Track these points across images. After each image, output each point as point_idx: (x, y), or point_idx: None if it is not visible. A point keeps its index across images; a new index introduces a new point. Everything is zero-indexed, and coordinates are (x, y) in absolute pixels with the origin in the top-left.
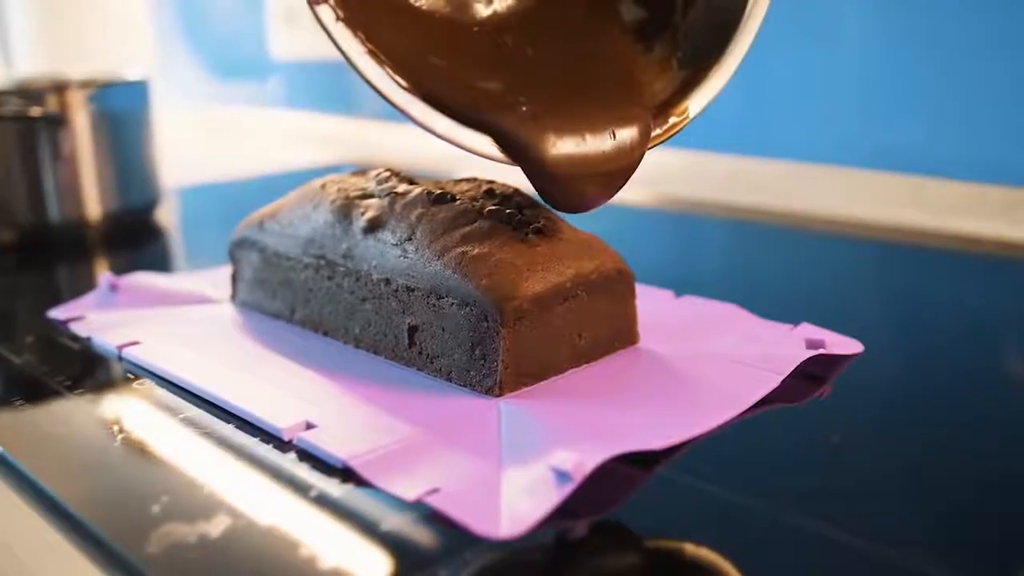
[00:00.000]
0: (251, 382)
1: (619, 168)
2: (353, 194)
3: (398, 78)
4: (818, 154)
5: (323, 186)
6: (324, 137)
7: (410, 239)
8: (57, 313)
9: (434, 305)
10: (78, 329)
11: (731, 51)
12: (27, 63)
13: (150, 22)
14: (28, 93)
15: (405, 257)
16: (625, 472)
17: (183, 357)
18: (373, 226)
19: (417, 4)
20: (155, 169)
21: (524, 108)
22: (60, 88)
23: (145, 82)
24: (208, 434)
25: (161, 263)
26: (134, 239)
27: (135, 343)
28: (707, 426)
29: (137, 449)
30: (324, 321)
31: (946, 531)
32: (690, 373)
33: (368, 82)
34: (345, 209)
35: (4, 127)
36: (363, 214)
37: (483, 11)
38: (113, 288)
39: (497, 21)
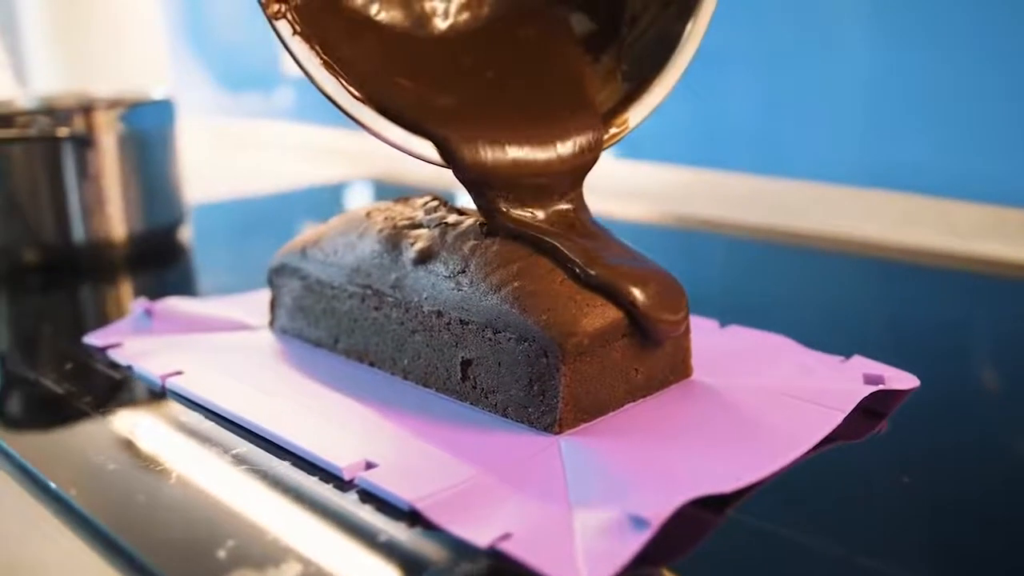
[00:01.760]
0: (303, 416)
1: (570, 170)
2: (401, 223)
3: (352, 89)
4: (830, 173)
5: (368, 214)
6: (336, 151)
7: (463, 271)
8: (94, 339)
9: (490, 339)
10: (117, 356)
11: (671, 67)
12: (41, 80)
13: (163, 37)
14: (54, 112)
15: (459, 290)
16: (695, 515)
17: (229, 388)
18: (424, 257)
19: (375, 18)
20: (180, 188)
21: (465, 118)
22: (87, 108)
23: (170, 101)
24: (264, 472)
25: (187, 284)
26: (159, 259)
27: (178, 373)
28: (775, 467)
29: (193, 488)
30: (370, 351)
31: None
32: (748, 409)
33: (322, 92)
34: (393, 239)
35: (30, 147)
36: (413, 244)
37: (440, 24)
38: (148, 314)
39: (453, 34)
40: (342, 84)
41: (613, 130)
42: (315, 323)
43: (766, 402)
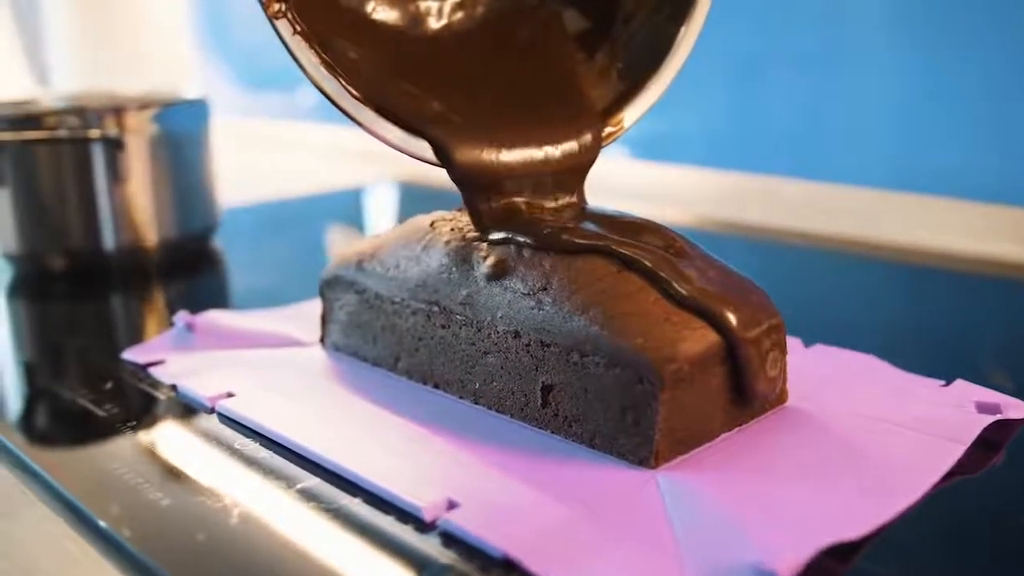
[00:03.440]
0: (372, 447)
1: (567, 169)
2: (471, 235)
3: (351, 89)
4: (872, 178)
5: (432, 224)
6: (363, 152)
7: (544, 289)
8: (133, 356)
9: (576, 363)
10: (160, 375)
11: (666, 67)
12: (61, 80)
13: (185, 36)
14: (84, 113)
15: (539, 309)
16: (820, 564)
17: (287, 413)
18: (498, 273)
19: (371, 17)
20: (213, 193)
21: (459, 119)
22: (118, 109)
23: (204, 101)
24: (334, 511)
25: (222, 293)
26: (192, 267)
27: (228, 394)
28: (900, 507)
29: (258, 526)
30: (436, 373)
31: None
32: (854, 439)
33: (322, 92)
34: (463, 252)
35: (58, 149)
36: (485, 258)
37: (435, 24)
38: (189, 328)
39: (448, 34)
40: (342, 84)
41: (609, 129)
42: (373, 341)
43: (871, 431)
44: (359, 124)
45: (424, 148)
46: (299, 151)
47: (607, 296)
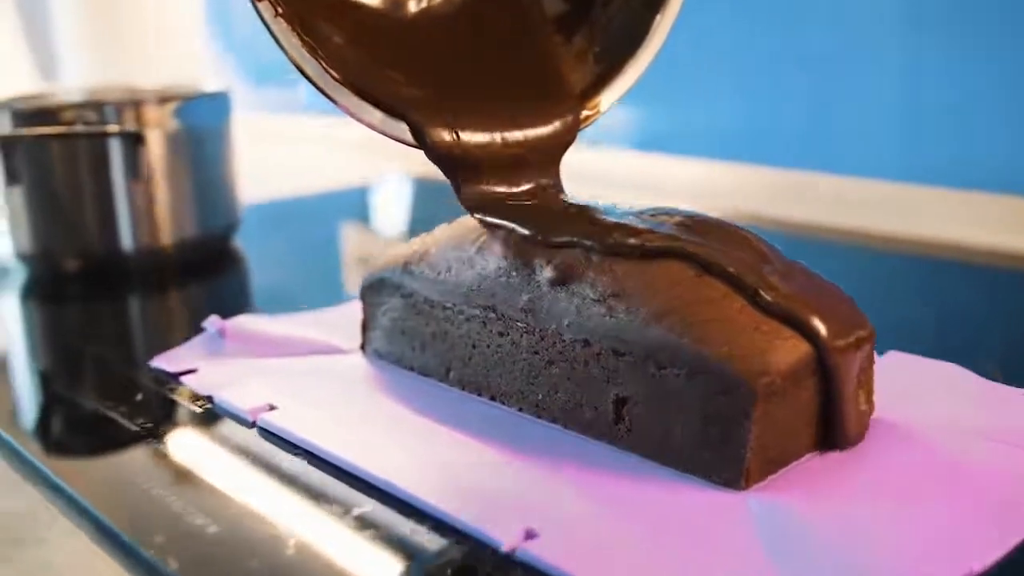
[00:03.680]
0: (434, 468)
1: (546, 149)
2: (529, 236)
3: (332, 71)
4: (905, 172)
5: None
6: (378, 145)
7: (617, 295)
8: (163, 364)
9: (653, 375)
10: (194, 385)
11: (643, 51)
12: (70, 75)
13: (198, 29)
14: (102, 107)
15: (611, 316)
16: None
17: (335, 429)
18: (565, 277)
19: (353, 0)
20: (235, 190)
21: (437, 101)
22: (137, 102)
23: (226, 94)
24: (399, 541)
25: (245, 295)
26: (213, 267)
27: (270, 407)
28: (1020, 535)
29: (316, 558)
30: (492, 383)
31: None
32: (952, 455)
33: (304, 74)
34: (523, 254)
35: (74, 144)
36: (548, 261)
37: (415, 7)
38: (221, 333)
39: (427, 17)
40: (323, 67)
41: (585, 112)
42: (421, 348)
43: (967, 446)
44: (340, 107)
45: (404, 130)
46: (310, 145)
47: (687, 302)
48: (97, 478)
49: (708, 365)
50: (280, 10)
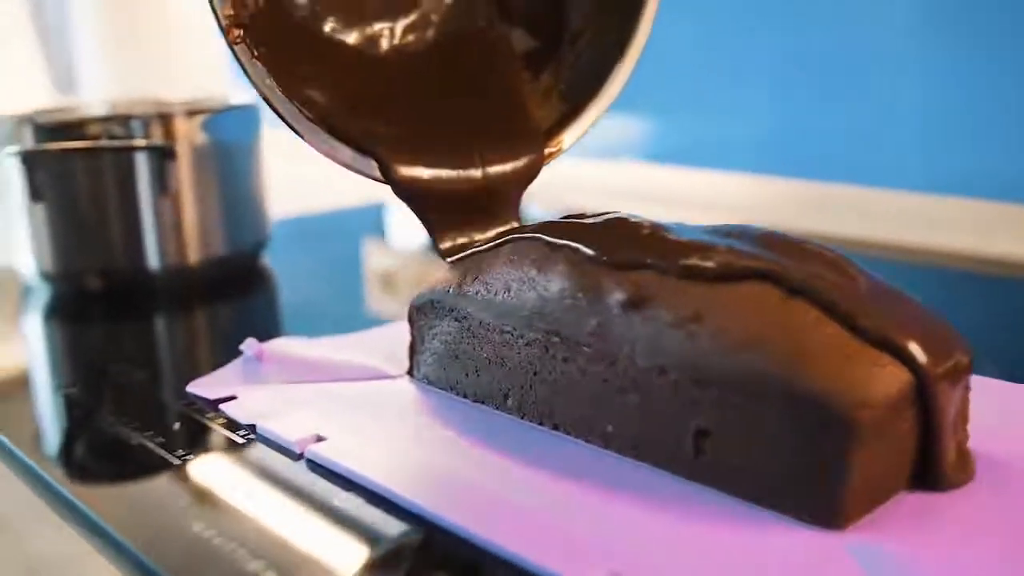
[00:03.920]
0: (504, 505)
1: (509, 187)
2: (595, 256)
3: (304, 111)
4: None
5: (547, 244)
6: None
7: (697, 319)
8: (200, 390)
9: (738, 405)
10: (234, 414)
11: (605, 91)
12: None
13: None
14: (128, 121)
15: (692, 342)
16: None
17: (388, 462)
18: (638, 300)
19: (327, 41)
20: (264, 206)
21: (404, 137)
22: (165, 116)
23: (255, 107)
24: None
25: (277, 316)
26: (243, 286)
27: (318, 438)
28: None
29: None
30: (556, 412)
31: None
32: None
33: (278, 114)
34: (590, 276)
35: (99, 159)
36: (619, 284)
37: (385, 46)
38: (258, 357)
39: (398, 56)
40: (296, 107)
41: (549, 149)
42: (475, 373)
43: None
44: (313, 145)
45: (372, 166)
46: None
47: (776, 328)
48: (140, 517)
49: (803, 397)
50: (256, 52)
